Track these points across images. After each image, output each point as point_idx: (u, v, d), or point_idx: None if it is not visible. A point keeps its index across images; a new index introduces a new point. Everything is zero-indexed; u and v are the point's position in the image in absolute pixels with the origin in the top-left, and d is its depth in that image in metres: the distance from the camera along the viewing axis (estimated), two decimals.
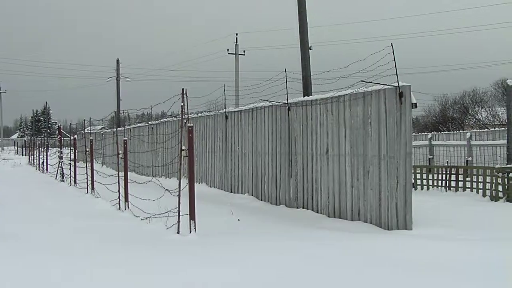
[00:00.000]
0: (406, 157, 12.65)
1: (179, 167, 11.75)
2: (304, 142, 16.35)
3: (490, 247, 9.95)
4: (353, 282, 7.46)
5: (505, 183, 18.58)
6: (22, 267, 8.22)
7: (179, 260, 8.71)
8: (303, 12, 23.98)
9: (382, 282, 7.40)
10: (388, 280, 7.51)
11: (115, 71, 63.30)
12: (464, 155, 31.53)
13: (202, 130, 24.20)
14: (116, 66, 63.35)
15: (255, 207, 17.24)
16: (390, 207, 12.98)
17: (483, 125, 50.10)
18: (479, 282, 7.37)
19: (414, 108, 12.89)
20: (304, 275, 7.76)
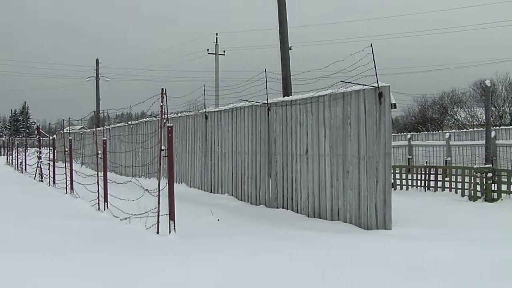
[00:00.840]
0: (386, 157, 12.70)
1: (159, 167, 11.72)
2: (284, 142, 16.36)
3: (468, 246, 10.01)
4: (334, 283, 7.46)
5: (483, 183, 18.70)
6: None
7: (157, 261, 8.67)
8: (283, 12, 23.99)
9: (365, 282, 7.42)
10: (371, 279, 7.52)
11: (94, 70, 62.97)
12: (443, 155, 31.73)
13: (182, 130, 24.15)
14: (95, 65, 63.04)
15: (235, 207, 17.22)
16: (369, 207, 13.02)
17: (462, 125, 50.40)
18: (457, 281, 7.41)
19: (393, 109, 12.94)
20: (284, 276, 7.76)
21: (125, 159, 29.78)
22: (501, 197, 18.45)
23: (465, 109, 52.84)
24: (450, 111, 54.13)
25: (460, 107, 53.72)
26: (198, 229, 12.15)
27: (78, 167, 32.27)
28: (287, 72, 23.54)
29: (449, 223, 13.48)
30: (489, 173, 18.76)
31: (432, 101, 57.22)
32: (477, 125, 47.44)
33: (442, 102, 55.57)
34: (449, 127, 51.86)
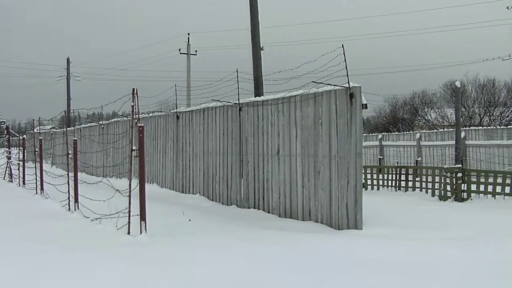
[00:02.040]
0: (357, 158, 12.74)
1: (130, 167, 11.64)
2: (255, 142, 16.36)
3: (438, 246, 10.08)
4: (305, 282, 7.47)
5: (453, 183, 18.86)
6: None
7: (127, 261, 8.61)
8: (255, 13, 23.97)
9: (332, 282, 7.43)
10: (338, 279, 7.54)
11: (65, 70, 62.48)
12: (414, 155, 31.98)
13: (153, 130, 24.07)
14: (66, 65, 62.56)
15: (206, 207, 17.19)
16: (340, 207, 13.06)
17: (432, 126, 50.72)
18: (428, 280, 7.45)
19: (364, 109, 12.97)
20: (249, 276, 7.75)
21: (96, 159, 29.61)
22: (471, 197, 18.63)
23: (436, 110, 53.17)
24: (420, 112, 54.45)
25: (431, 108, 54.06)
26: (169, 230, 12.10)
27: (49, 167, 32.04)
28: (259, 72, 23.53)
29: (419, 223, 13.55)
30: (459, 173, 18.93)
31: (403, 102, 57.57)
32: (447, 125, 47.78)
33: (413, 102, 55.93)
34: (420, 127, 52.17)
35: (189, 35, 50.77)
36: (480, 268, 8.21)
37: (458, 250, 9.74)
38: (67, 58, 62.91)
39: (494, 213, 15.22)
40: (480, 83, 50.58)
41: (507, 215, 14.84)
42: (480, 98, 49.64)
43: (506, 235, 11.68)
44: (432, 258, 8.94)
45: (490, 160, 27.78)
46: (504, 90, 49.79)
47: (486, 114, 48.56)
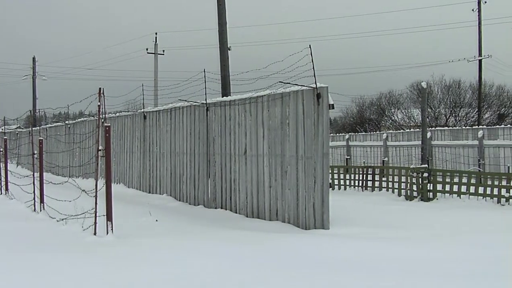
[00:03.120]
0: (323, 158, 12.79)
1: (96, 167, 11.56)
2: (223, 142, 16.34)
3: (403, 245, 10.17)
4: (270, 282, 7.47)
5: (419, 182, 19.02)
6: None
7: (93, 262, 8.56)
8: (222, 13, 23.94)
9: (298, 281, 7.44)
10: (302, 278, 7.55)
11: (31, 69, 61.84)
12: (381, 155, 32.18)
13: (120, 130, 23.94)
14: (32, 64, 61.93)
15: (173, 208, 17.13)
16: (307, 207, 13.10)
17: (399, 126, 51.11)
18: (392, 279, 7.49)
19: (331, 109, 13.02)
20: (214, 276, 7.74)
21: (62, 159, 29.36)
22: (437, 197, 18.78)
23: (402, 110, 53.60)
24: (387, 112, 54.83)
25: (397, 108, 54.47)
26: (136, 230, 12.03)
27: (14, 167, 31.66)
28: (226, 72, 23.50)
29: (385, 222, 13.64)
30: (425, 173, 19.09)
31: (370, 102, 57.92)
32: (414, 126, 48.17)
33: (380, 103, 56.28)
34: (387, 127, 52.52)
35: (157, 35, 50.60)
36: (444, 266, 8.28)
37: (424, 249, 9.84)
38: (33, 57, 62.26)
39: (459, 213, 15.39)
40: (446, 84, 51.14)
41: (472, 214, 14.99)
42: (446, 99, 50.15)
43: (470, 233, 11.81)
44: (397, 257, 9.01)
45: (456, 160, 28.03)
46: (470, 91, 50.38)
47: (451, 115, 49.05)
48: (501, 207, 16.73)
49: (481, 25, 43.45)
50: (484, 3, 44.09)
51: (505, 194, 17.21)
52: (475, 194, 18.07)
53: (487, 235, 11.49)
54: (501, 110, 48.78)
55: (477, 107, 45.14)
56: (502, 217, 14.57)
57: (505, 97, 49.86)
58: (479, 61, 43.64)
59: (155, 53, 50.14)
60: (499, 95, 50.23)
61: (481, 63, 43.71)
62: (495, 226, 13.01)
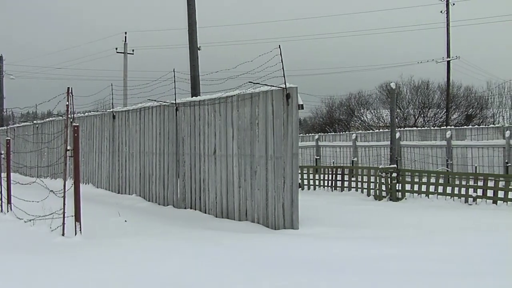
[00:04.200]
0: (293, 158, 12.81)
1: (64, 167, 11.48)
2: (192, 143, 16.31)
3: (370, 245, 10.22)
4: (239, 282, 7.47)
5: (388, 182, 19.14)
6: None
7: (60, 263, 8.49)
8: (192, 13, 23.91)
9: (267, 281, 7.45)
10: (273, 279, 7.56)
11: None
12: (350, 155, 32.32)
13: (89, 130, 23.80)
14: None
15: (143, 208, 17.06)
16: (277, 207, 13.12)
17: (368, 126, 51.37)
18: (355, 277, 7.53)
19: (301, 110, 13.04)
20: (190, 276, 7.73)
21: (30, 160, 29.11)
22: (405, 197, 18.93)
23: (372, 111, 53.87)
24: (357, 113, 55.07)
25: (367, 109, 54.74)
26: (104, 231, 11.96)
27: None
28: (196, 72, 23.49)
29: (354, 222, 13.70)
30: (393, 173, 19.21)
31: (340, 103, 58.09)
32: (383, 126, 48.44)
33: (349, 103, 56.49)
34: (356, 128, 52.76)
35: (126, 34, 50.34)
36: (412, 265, 8.34)
37: (391, 248, 9.89)
38: (0, 56, 61.60)
39: (427, 212, 15.51)
40: (414, 85, 51.47)
41: (440, 214, 15.11)
42: (415, 100, 50.49)
43: (437, 233, 11.91)
44: (363, 256, 9.06)
45: (424, 160, 28.27)
46: (438, 92, 50.78)
47: (420, 115, 49.41)
48: (469, 207, 16.90)
49: (449, 27, 43.84)
50: (453, 5, 44.50)
51: (472, 193, 17.39)
52: (443, 194, 18.24)
53: (453, 235, 11.59)
54: (469, 111, 49.21)
55: (445, 107, 45.55)
56: (469, 216, 14.69)
57: (473, 98, 50.32)
58: (447, 62, 44.02)
59: (125, 52, 49.87)
60: (467, 96, 50.69)
61: (450, 64, 44.11)
62: (462, 226, 13.13)
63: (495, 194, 17.08)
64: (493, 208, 16.42)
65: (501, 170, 24.42)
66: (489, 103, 49.53)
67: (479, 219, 14.04)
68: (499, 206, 16.62)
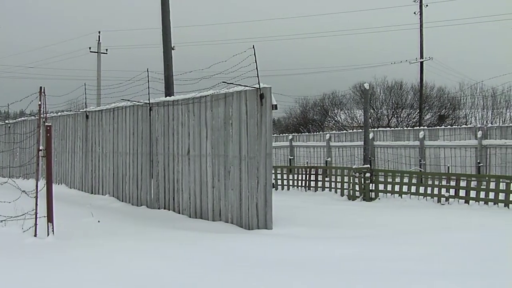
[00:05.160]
0: (266, 158, 12.83)
1: (37, 167, 11.40)
2: (166, 143, 16.27)
3: (345, 245, 10.26)
4: (212, 282, 7.47)
5: (361, 182, 19.23)
6: None
7: (32, 264, 8.43)
8: (166, 12, 23.82)
9: (240, 281, 7.46)
10: (246, 278, 7.57)
11: None
12: (324, 155, 32.43)
13: (62, 130, 23.64)
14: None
15: (116, 208, 16.98)
16: (250, 207, 13.13)
17: (342, 126, 51.58)
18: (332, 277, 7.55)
19: (274, 110, 13.05)
20: (163, 276, 7.71)
21: (1, 160, 28.85)
22: (379, 196, 19.03)
23: (345, 111, 54.11)
24: (330, 113, 55.27)
25: (340, 109, 54.96)
26: (77, 231, 11.87)
27: None
28: (170, 72, 23.40)
29: (327, 222, 13.74)
30: (367, 173, 19.31)
31: (313, 103, 58.27)
32: (357, 126, 48.67)
33: (323, 104, 56.68)
34: (330, 128, 52.95)
35: (100, 34, 50.13)
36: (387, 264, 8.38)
37: (366, 248, 9.94)
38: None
39: (400, 212, 15.60)
40: (388, 86, 51.82)
41: (413, 214, 15.21)
42: (388, 100, 50.82)
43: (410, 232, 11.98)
44: (339, 256, 9.09)
45: (397, 161, 28.44)
46: (411, 93, 51.17)
47: (393, 116, 49.72)
48: (441, 206, 17.02)
49: (422, 28, 44.12)
50: (426, 7, 44.80)
51: (445, 193, 17.52)
52: (416, 194, 18.36)
53: (427, 234, 11.66)
54: (441, 111, 49.61)
55: (418, 108, 45.84)
56: (442, 215, 14.79)
57: (446, 99, 50.75)
58: (420, 63, 44.31)
59: (98, 52, 49.66)
60: (440, 96, 51.11)
61: (423, 65, 44.40)
62: (435, 225, 13.21)
63: (467, 194, 17.23)
64: (465, 208, 16.56)
65: (473, 170, 24.65)
66: (461, 103, 49.94)
67: (452, 219, 14.14)
68: (471, 206, 16.77)
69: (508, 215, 14.84)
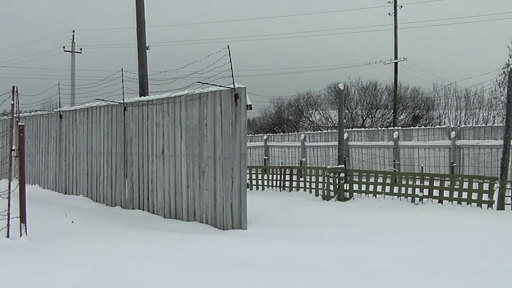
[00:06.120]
0: (241, 158, 12.83)
1: (9, 167, 11.32)
2: (140, 143, 16.22)
3: (319, 245, 10.29)
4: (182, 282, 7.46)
5: (336, 182, 19.29)
6: None
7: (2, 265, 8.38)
8: (141, 11, 23.75)
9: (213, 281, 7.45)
10: (214, 278, 7.57)
11: None
12: (299, 155, 32.52)
13: (36, 130, 23.50)
14: None
15: (90, 209, 16.90)
16: (225, 207, 13.13)
17: (316, 127, 51.73)
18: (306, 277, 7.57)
19: (249, 110, 13.06)
20: (135, 277, 7.69)
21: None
22: (353, 196, 19.11)
23: (320, 111, 54.27)
24: (305, 113, 55.42)
25: (315, 109, 55.12)
26: (51, 232, 11.80)
27: None
28: (144, 71, 23.35)
29: (301, 222, 13.76)
30: (341, 173, 19.38)
31: (288, 103, 58.41)
32: (331, 126, 48.84)
33: (298, 104, 56.83)
34: (305, 128, 53.11)
35: (74, 33, 49.89)
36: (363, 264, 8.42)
37: (342, 248, 9.97)
38: None
39: (374, 212, 15.63)
40: (362, 86, 52.05)
41: (387, 214, 15.27)
42: (363, 100, 51.05)
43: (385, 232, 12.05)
44: (313, 256, 9.12)
45: (372, 161, 28.58)
46: (386, 93, 51.46)
47: (368, 116, 49.96)
48: (415, 206, 17.12)
49: (397, 29, 44.39)
50: (400, 8, 45.08)
51: (419, 193, 17.63)
52: (390, 194, 18.47)
53: (402, 233, 11.74)
54: (415, 112, 49.95)
55: (393, 108, 46.09)
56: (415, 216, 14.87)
57: (420, 99, 51.10)
58: (395, 64, 44.55)
59: (72, 51, 49.44)
60: (414, 97, 51.45)
61: (397, 66, 44.65)
62: (409, 225, 13.29)
63: (441, 194, 17.36)
64: (438, 208, 16.66)
65: (446, 170, 24.84)
66: (435, 104, 50.30)
67: (426, 218, 14.22)
68: (445, 206, 16.89)
69: (481, 214, 14.94)
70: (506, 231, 12.13)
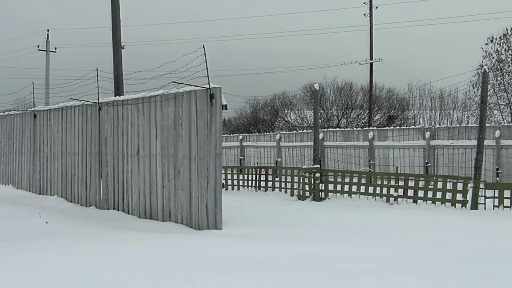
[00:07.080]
0: (216, 158, 12.83)
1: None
2: (115, 143, 16.15)
3: (294, 244, 10.31)
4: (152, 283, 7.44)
5: (311, 182, 19.34)
6: None
7: None
8: (116, 10, 23.63)
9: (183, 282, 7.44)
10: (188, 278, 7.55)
11: None
12: (274, 155, 32.57)
13: (9, 129, 23.33)
14: None
15: (65, 209, 16.80)
16: (200, 207, 13.12)
17: (292, 127, 51.75)
18: (273, 276, 7.58)
19: (224, 110, 13.06)
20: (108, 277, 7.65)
21: None
22: (328, 196, 19.17)
23: (296, 111, 54.26)
24: (281, 113, 55.40)
25: (291, 109, 55.11)
26: (24, 233, 11.73)
27: None
28: (119, 71, 23.22)
29: (277, 222, 13.78)
30: (316, 173, 19.43)
31: (264, 103, 58.36)
32: (307, 127, 48.86)
33: (274, 104, 56.81)
34: (280, 128, 53.10)
35: (49, 32, 49.56)
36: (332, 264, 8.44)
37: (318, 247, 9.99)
38: None
39: (349, 212, 15.70)
40: (338, 86, 52.11)
41: (362, 214, 15.33)
42: (338, 101, 51.12)
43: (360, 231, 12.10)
44: (289, 256, 9.13)
45: (347, 161, 28.70)
46: (361, 93, 51.56)
47: (343, 116, 50.06)
48: (390, 206, 17.21)
49: (372, 30, 44.51)
50: (376, 8, 45.23)
51: (393, 193, 17.73)
52: (365, 194, 18.55)
53: (375, 233, 11.80)
54: (390, 112, 50.15)
55: (368, 109, 46.25)
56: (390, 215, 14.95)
57: (395, 100, 51.30)
58: (370, 64, 44.67)
59: (47, 50, 49.09)
60: (389, 97, 51.65)
61: (372, 66, 44.78)
62: (385, 224, 13.35)
63: (415, 194, 17.46)
64: (413, 207, 16.77)
65: (421, 170, 25.03)
66: (410, 105, 50.55)
67: (401, 218, 14.29)
68: (419, 205, 17.00)
69: (456, 214, 15.05)
70: (481, 230, 12.23)
